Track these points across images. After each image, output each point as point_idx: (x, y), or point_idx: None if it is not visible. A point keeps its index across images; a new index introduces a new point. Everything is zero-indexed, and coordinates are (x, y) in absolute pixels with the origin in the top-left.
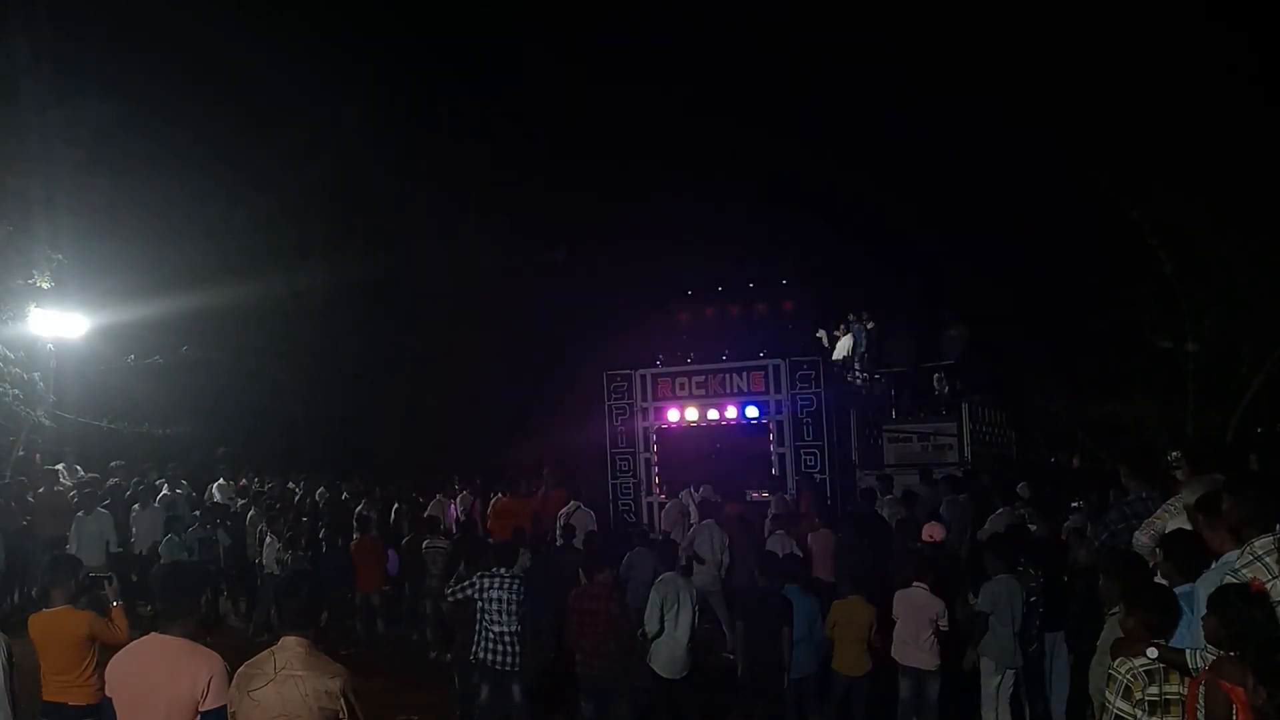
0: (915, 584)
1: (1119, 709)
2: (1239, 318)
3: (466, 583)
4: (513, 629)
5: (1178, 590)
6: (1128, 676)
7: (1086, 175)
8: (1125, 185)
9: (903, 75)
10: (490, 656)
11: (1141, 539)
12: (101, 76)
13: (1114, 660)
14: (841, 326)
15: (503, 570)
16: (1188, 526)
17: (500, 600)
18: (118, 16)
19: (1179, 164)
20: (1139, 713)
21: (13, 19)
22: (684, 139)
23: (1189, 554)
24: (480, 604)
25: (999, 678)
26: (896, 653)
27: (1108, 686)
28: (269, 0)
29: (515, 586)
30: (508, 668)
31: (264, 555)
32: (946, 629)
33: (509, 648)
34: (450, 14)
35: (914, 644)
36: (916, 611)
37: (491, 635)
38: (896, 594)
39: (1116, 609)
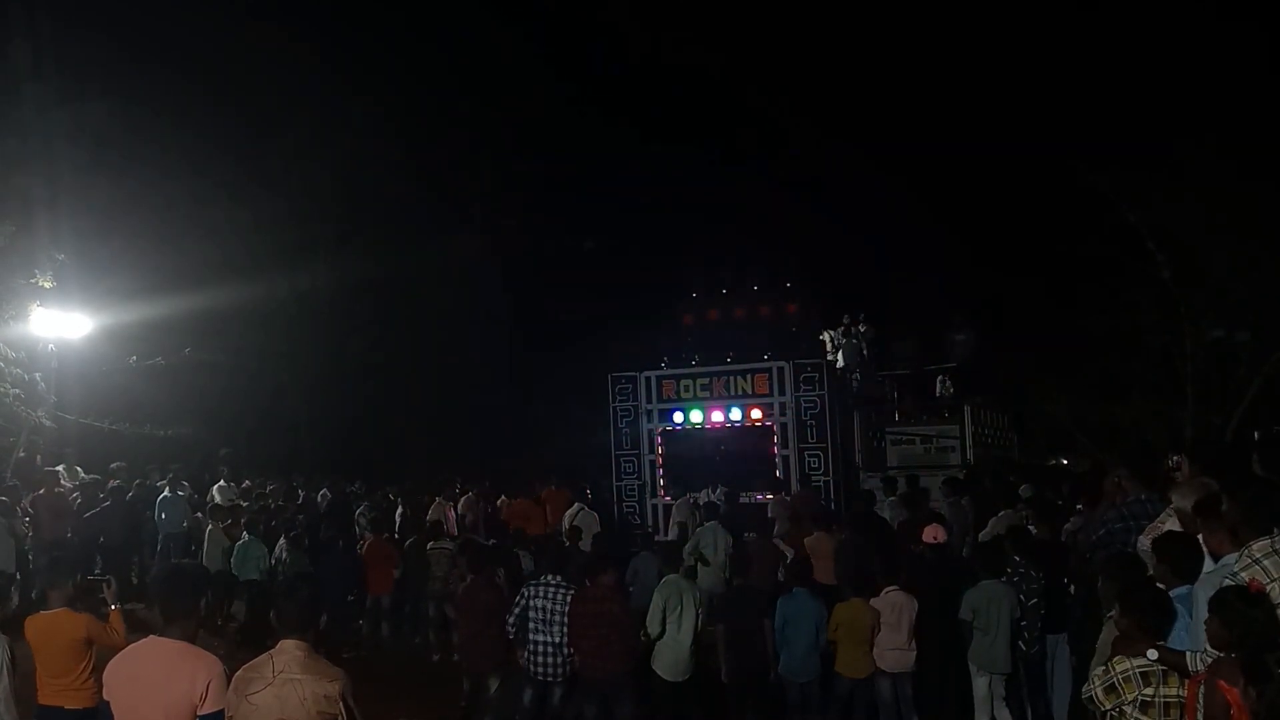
0: (888, 589)
1: (1109, 708)
2: (1236, 321)
3: (519, 593)
4: (554, 639)
5: (1173, 593)
6: (1120, 676)
7: (1087, 180)
8: (1125, 190)
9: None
10: (532, 667)
11: (1145, 542)
12: (104, 78)
13: (1111, 660)
14: (841, 329)
15: (551, 579)
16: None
17: (544, 610)
18: (120, 18)
19: (1178, 170)
20: (1131, 710)
21: (15, 20)
22: (686, 140)
23: (1183, 556)
24: (527, 613)
25: (985, 680)
26: (879, 659)
27: (1099, 684)
28: (272, 1)
29: (560, 597)
30: (549, 678)
31: None
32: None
33: (551, 658)
34: (453, 15)
35: (897, 648)
36: (899, 614)
37: (536, 645)
38: (874, 601)
39: (1113, 610)
